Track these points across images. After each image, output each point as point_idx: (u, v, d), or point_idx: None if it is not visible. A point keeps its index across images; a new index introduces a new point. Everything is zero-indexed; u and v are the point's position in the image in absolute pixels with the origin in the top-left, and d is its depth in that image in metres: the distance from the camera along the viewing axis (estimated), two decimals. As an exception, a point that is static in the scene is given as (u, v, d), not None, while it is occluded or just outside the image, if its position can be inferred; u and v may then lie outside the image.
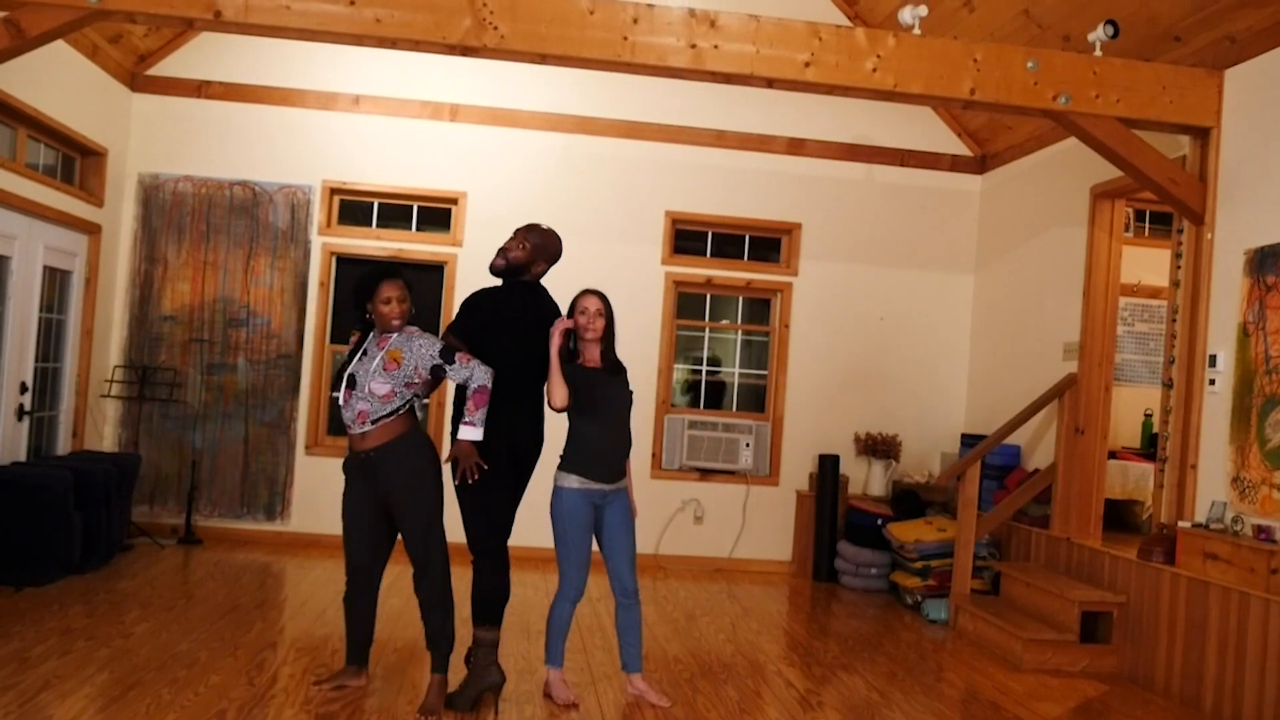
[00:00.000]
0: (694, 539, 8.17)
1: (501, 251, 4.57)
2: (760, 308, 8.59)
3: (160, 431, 7.72)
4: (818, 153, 8.33)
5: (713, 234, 8.41)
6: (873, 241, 8.40)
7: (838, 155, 8.35)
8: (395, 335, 4.27)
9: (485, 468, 4.25)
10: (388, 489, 4.27)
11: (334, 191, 8.01)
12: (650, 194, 8.19)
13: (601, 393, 4.45)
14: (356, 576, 4.42)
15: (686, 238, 8.38)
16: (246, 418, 7.78)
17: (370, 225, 8.10)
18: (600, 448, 4.45)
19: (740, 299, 8.55)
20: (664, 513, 8.13)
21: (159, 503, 7.72)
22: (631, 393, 4.64)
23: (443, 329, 7.31)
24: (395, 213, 8.17)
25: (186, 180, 7.83)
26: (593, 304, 4.46)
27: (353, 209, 8.13)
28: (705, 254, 8.38)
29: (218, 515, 7.78)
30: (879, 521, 7.60)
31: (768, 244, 8.53)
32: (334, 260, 8.02)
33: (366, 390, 4.19)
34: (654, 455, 8.14)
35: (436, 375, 4.28)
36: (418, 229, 8.14)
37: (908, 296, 8.43)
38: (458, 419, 4.30)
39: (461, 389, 4.33)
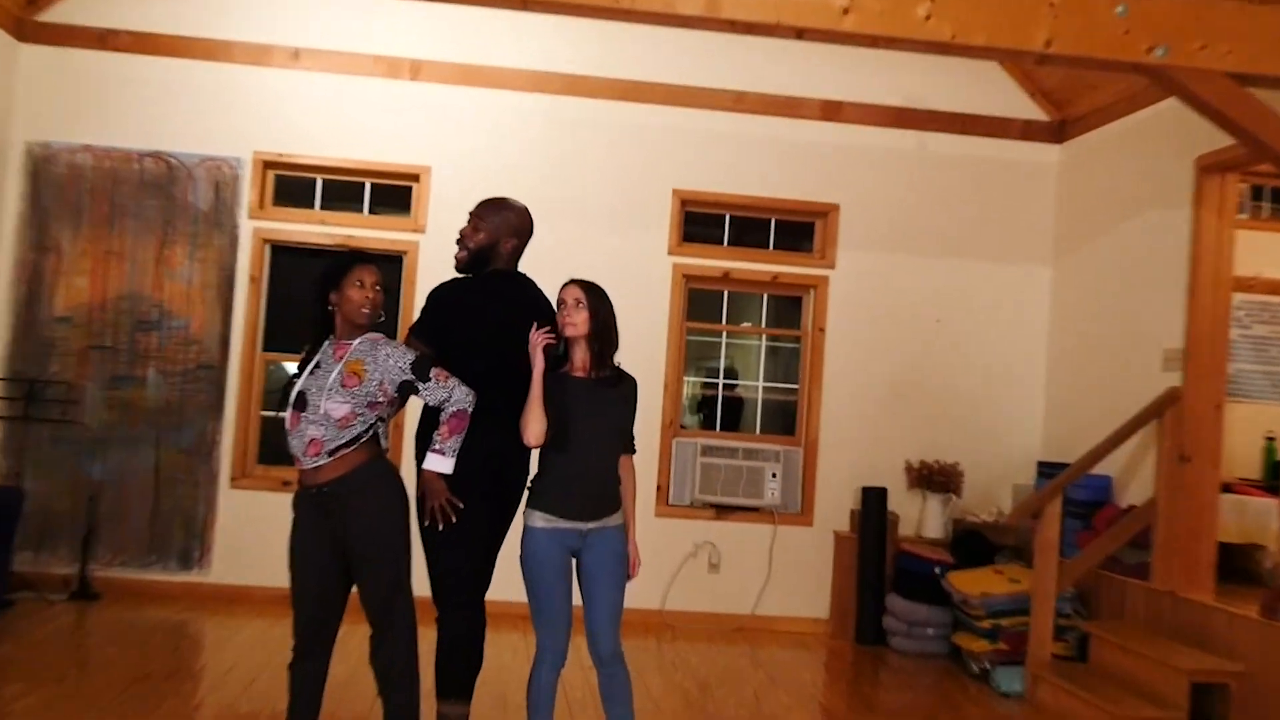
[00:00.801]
0: (709, 591, 8.14)
1: (459, 241, 4.69)
2: (789, 308, 8.62)
3: (50, 460, 7.66)
4: (859, 118, 8.34)
5: (731, 218, 8.45)
6: (926, 226, 8.41)
7: (883, 121, 8.36)
8: (356, 343, 4.23)
9: (460, 506, 4.25)
10: (346, 531, 4.20)
11: (268, 165, 7.99)
12: (655, 170, 8.21)
13: (580, 408, 4.38)
14: (306, 637, 4.32)
15: (699, 223, 8.41)
16: (158, 443, 7.72)
17: (312, 207, 8.09)
18: (572, 476, 4.38)
19: (765, 297, 8.59)
20: (671, 559, 8.08)
21: (47, 548, 7.61)
22: (630, 407, 4.57)
23: (402, 333, 7.27)
24: (343, 192, 8.17)
25: (86, 151, 7.78)
26: (571, 294, 4.42)
27: (291, 187, 8.12)
28: (722, 242, 8.43)
29: (120, 564, 7.68)
30: (937, 570, 7.59)
31: (798, 230, 8.55)
32: (267, 249, 7.98)
33: (320, 412, 4.14)
34: (659, 489, 8.11)
35: (405, 394, 4.26)
36: (371, 211, 8.17)
37: (970, 293, 8.44)
38: (424, 445, 4.31)
39: (432, 410, 4.33)
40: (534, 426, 4.28)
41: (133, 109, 7.81)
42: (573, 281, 4.47)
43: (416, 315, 4.56)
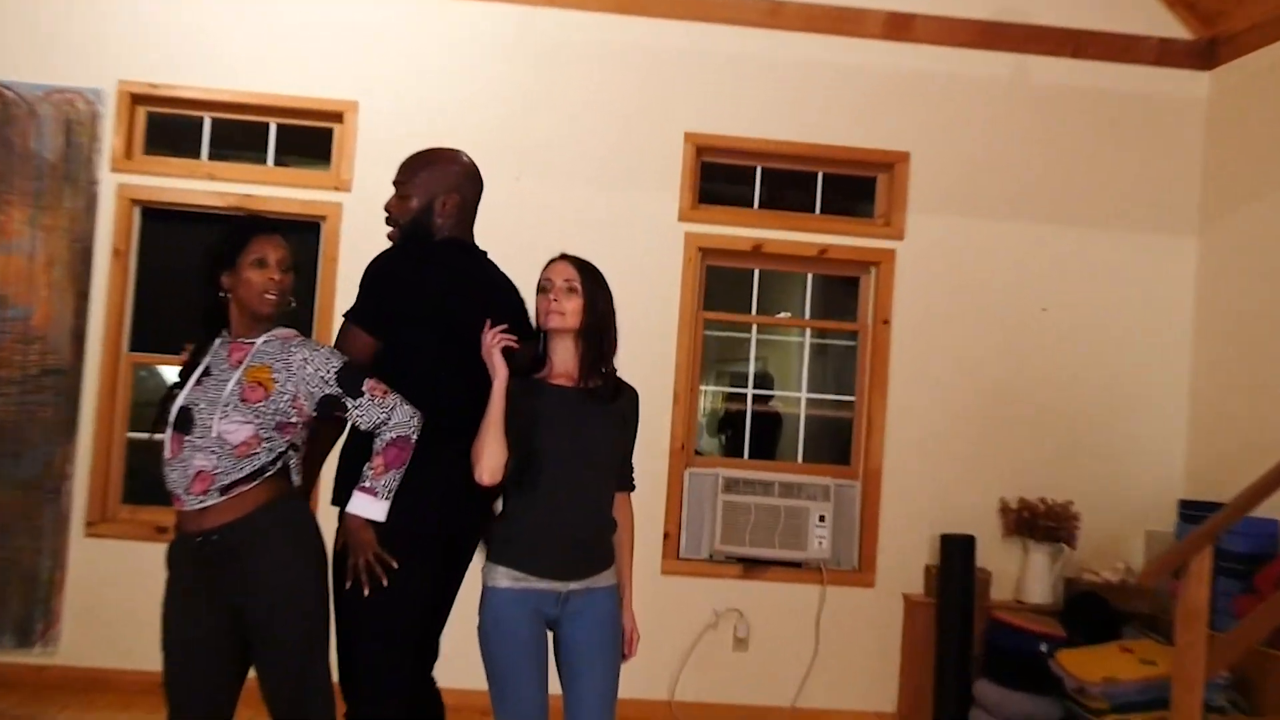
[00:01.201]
0: (734, 676, 8.05)
1: (388, 219, 4.84)
2: (842, 292, 8.60)
3: None
4: (935, 37, 8.29)
5: (763, 172, 8.41)
6: (1026, 183, 8.37)
7: (968, 40, 8.32)
8: (260, 343, 4.25)
9: (394, 566, 4.25)
10: (243, 595, 4.14)
11: (137, 100, 7.95)
12: (660, 107, 8.19)
13: (561, 427, 4.31)
14: None
15: (720, 177, 8.38)
16: None
17: (198, 157, 8.09)
18: (547, 519, 4.29)
19: (809, 278, 8.57)
20: (684, 633, 8.02)
21: None
22: (630, 429, 4.55)
23: (322, 326, 7.85)
24: (240, 136, 8.14)
25: None
26: (561, 273, 4.37)
27: (169, 130, 8.08)
28: (751, 205, 8.41)
29: None
30: (1043, 647, 7.48)
31: (854, 188, 8.50)
32: (137, 213, 7.95)
33: (212, 435, 4.11)
34: (667, 537, 8.02)
35: (327, 411, 4.24)
36: (278, 162, 8.17)
37: (1087, 274, 8.37)
38: (348, 482, 4.30)
39: (363, 435, 4.32)
40: (488, 459, 4.18)
41: None
42: (563, 258, 4.42)
43: (340, 301, 4.43)
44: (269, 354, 4.19)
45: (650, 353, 7.97)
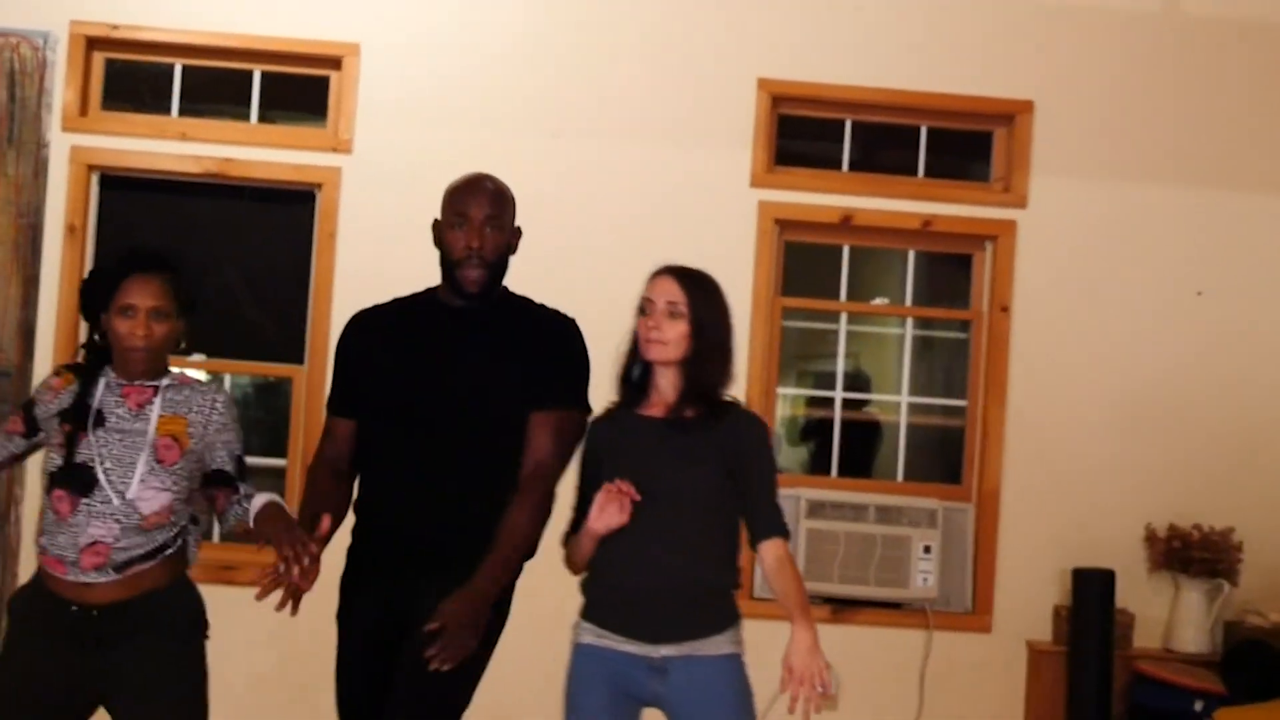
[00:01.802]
0: None
1: (472, 256, 4.74)
2: (950, 272, 8.75)
3: None
4: None
5: (854, 126, 8.40)
6: (1179, 138, 8.27)
7: None
8: (171, 387, 4.45)
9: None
10: (114, 684, 4.34)
11: (94, 45, 7.97)
12: (729, 48, 8.15)
13: (642, 467, 4.40)
14: None
15: (802, 134, 8.44)
16: None
17: (168, 112, 8.11)
18: (630, 572, 4.43)
19: (910, 256, 8.58)
20: (760, 687, 7.72)
21: None
22: (745, 464, 4.55)
23: (315, 319, 8.02)
24: (218, 88, 8.24)
25: None
26: (664, 291, 4.46)
27: (133, 80, 8.15)
28: (839, 166, 8.40)
29: None
30: (1198, 705, 7.47)
31: (966, 145, 8.59)
32: (95, 181, 7.97)
33: (119, 502, 4.24)
34: (739, 572, 7.81)
35: (212, 485, 4.49)
36: (263, 119, 8.25)
37: (1254, 248, 8.30)
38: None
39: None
40: (578, 557, 4.52)
41: None
42: (667, 272, 4.51)
43: (339, 283, 4.48)
44: (183, 403, 4.39)
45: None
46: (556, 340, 4.83)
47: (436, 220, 4.87)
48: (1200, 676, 7.55)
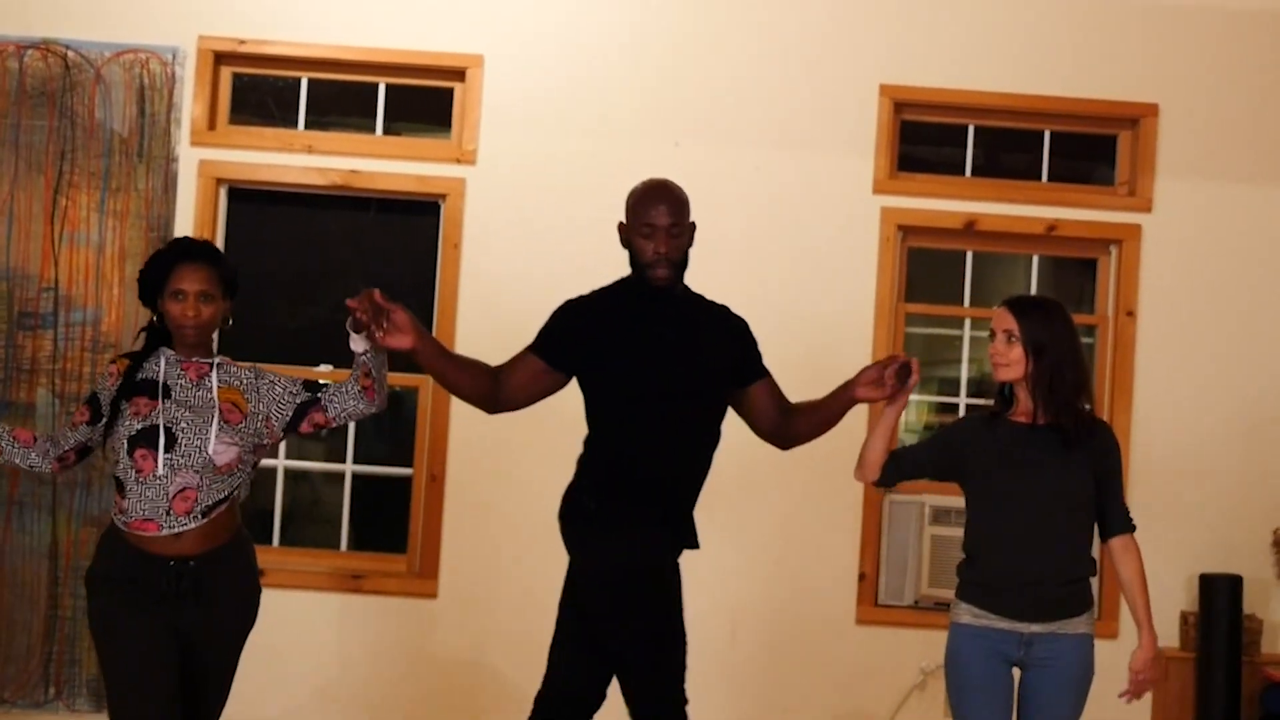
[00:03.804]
0: None
1: (661, 259, 5.25)
2: (1076, 277, 8.77)
3: None
4: None
5: (977, 131, 8.50)
6: None
7: None
8: (218, 365, 4.98)
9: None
10: (200, 628, 4.84)
11: (221, 60, 8.11)
12: (850, 54, 8.25)
13: (1014, 466, 5.00)
14: None
15: (925, 140, 8.53)
16: (55, 508, 7.81)
17: (294, 126, 8.25)
18: (1007, 559, 5.00)
19: (1035, 260, 8.66)
20: (886, 694, 8.13)
21: None
22: (1103, 468, 5.12)
23: (440, 326, 8.06)
24: (343, 100, 8.40)
25: None
26: (1001, 322, 5.05)
27: (259, 95, 8.30)
28: (962, 171, 8.51)
29: (2, 704, 7.83)
30: None
31: (1089, 149, 8.64)
32: (223, 195, 8.11)
33: (202, 455, 4.75)
34: (863, 578, 8.16)
35: (298, 421, 5.05)
36: (388, 131, 8.32)
37: None
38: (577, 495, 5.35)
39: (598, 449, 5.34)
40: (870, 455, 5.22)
41: None
42: (1004, 304, 5.11)
43: (464, 293, 4.67)
44: (237, 378, 4.94)
45: (841, 353, 7.74)
46: (744, 325, 5.52)
47: (621, 223, 5.33)
48: None
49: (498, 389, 5.24)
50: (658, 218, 5.20)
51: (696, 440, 5.31)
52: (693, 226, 5.36)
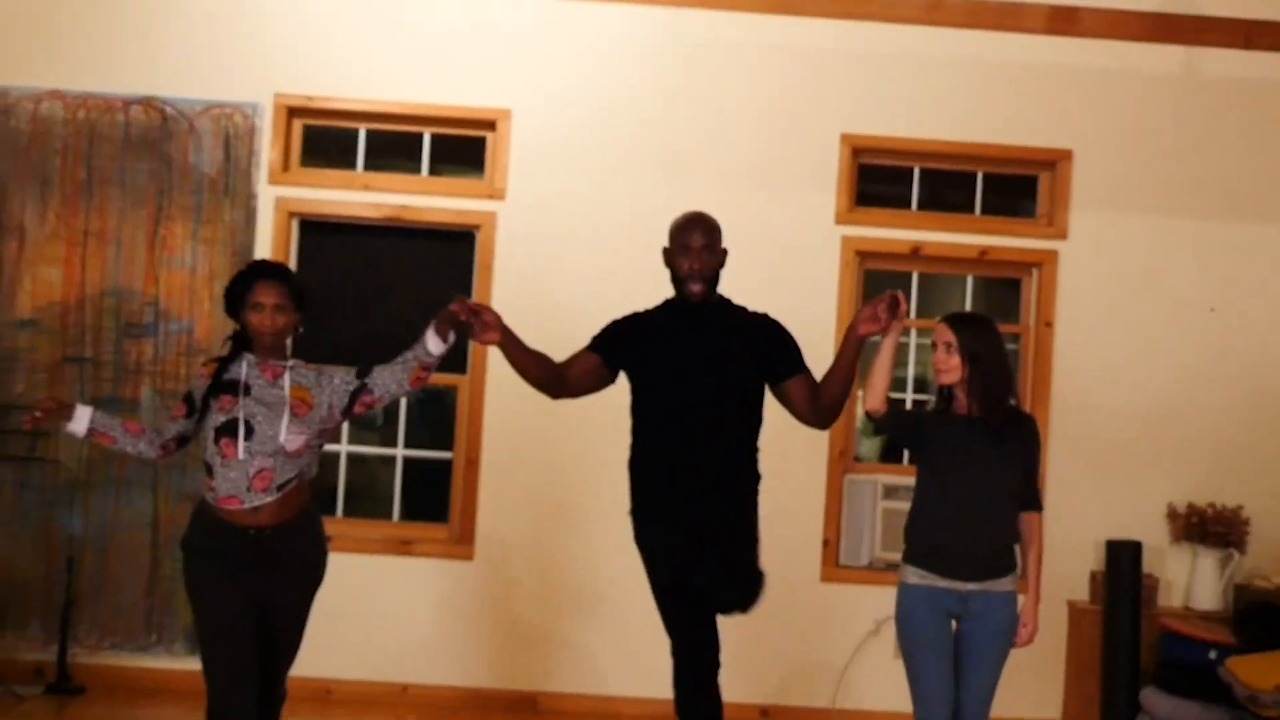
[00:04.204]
0: (896, 684, 7.37)
1: (695, 275, 5.52)
2: (1003, 294, 8.72)
3: (15, 510, 7.92)
4: (1100, 30, 7.99)
5: (921, 173, 8.58)
6: (1196, 178, 8.42)
7: (1134, 34, 8.03)
8: (294, 367, 5.18)
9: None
10: (276, 587, 5.11)
11: (294, 113, 8.24)
12: (815, 108, 8.33)
13: (959, 453, 5.30)
14: (231, 689, 4.99)
15: (878, 179, 8.52)
16: (156, 487, 7.95)
17: (354, 168, 8.33)
18: (949, 530, 5.28)
19: (969, 280, 8.69)
20: (844, 641, 8.25)
21: (14, 627, 7.91)
22: (1028, 455, 5.44)
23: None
24: (395, 146, 8.37)
25: (54, 97, 8.03)
26: (941, 335, 5.32)
27: (325, 142, 8.36)
28: (909, 206, 8.59)
29: (110, 647, 7.95)
30: (1213, 655, 7.58)
31: (1015, 187, 8.65)
32: (295, 226, 8.24)
33: (276, 442, 5.01)
34: (826, 543, 8.28)
35: (353, 404, 5.24)
36: (432, 172, 8.39)
37: (1258, 271, 8.43)
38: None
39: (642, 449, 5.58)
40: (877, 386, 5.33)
41: (114, 42, 8.06)
42: (943, 320, 5.38)
43: (494, 305, 4.99)
44: (305, 379, 5.13)
45: (808, 354, 7.17)
46: (777, 329, 5.67)
47: (665, 248, 5.57)
48: (1214, 631, 7.65)
49: (562, 378, 5.49)
50: (693, 240, 5.45)
51: (723, 441, 5.47)
52: (724, 252, 5.59)
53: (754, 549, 5.57)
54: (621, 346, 5.59)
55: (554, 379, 5.50)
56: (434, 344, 5.20)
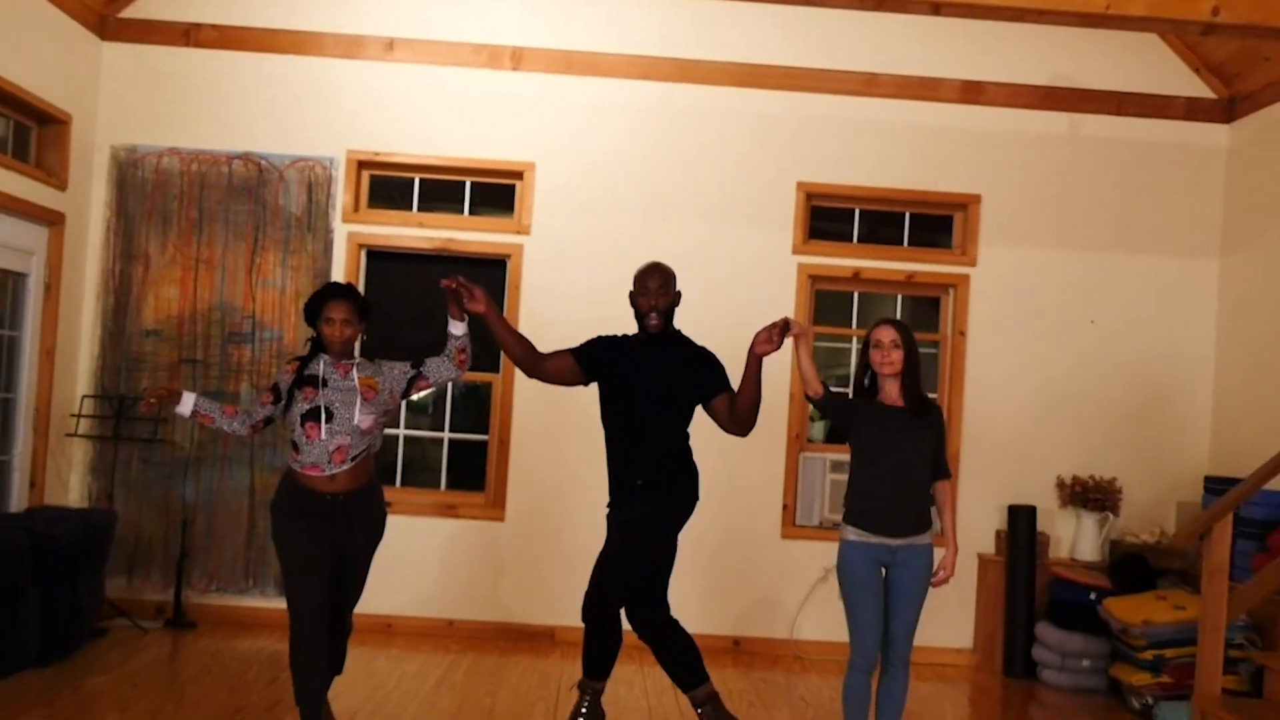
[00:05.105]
0: (840, 619, 7.79)
1: (652, 310, 5.52)
2: (926, 309, 8.65)
3: (141, 481, 7.88)
4: (1002, 100, 8.31)
5: (861, 213, 8.50)
6: (1078, 217, 8.36)
7: (1029, 103, 8.32)
8: (360, 363, 5.18)
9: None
10: (347, 540, 5.09)
11: (362, 165, 8.17)
12: (777, 161, 8.26)
13: (887, 435, 5.14)
14: (314, 627, 5.02)
15: (826, 218, 8.47)
16: (252, 462, 7.90)
17: (410, 209, 8.29)
18: (882, 496, 5.15)
19: (899, 298, 8.62)
20: (800, 584, 8.14)
21: (140, 574, 7.87)
22: (938, 434, 5.29)
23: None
24: (442, 191, 8.36)
25: (172, 154, 7.98)
26: (888, 335, 5.15)
27: (387, 188, 8.32)
28: (851, 239, 8.50)
29: (216, 590, 7.92)
30: (1093, 596, 7.55)
31: (935, 224, 8.59)
32: (363, 255, 8.17)
33: (352, 424, 5.00)
34: (785, 509, 8.16)
35: (410, 390, 5.26)
36: (472, 212, 8.34)
37: (1128, 291, 8.37)
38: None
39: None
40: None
41: (220, 108, 8.03)
42: (889, 322, 5.20)
43: (523, 324, 4.84)
44: (369, 369, 5.14)
45: (770, 361, 7.62)
46: (710, 359, 5.56)
47: (630, 291, 5.55)
48: (1094, 577, 7.66)
49: (536, 363, 5.49)
50: (651, 284, 5.46)
51: (664, 436, 5.47)
52: (678, 293, 5.58)
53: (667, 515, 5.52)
54: (596, 360, 5.58)
55: (530, 362, 5.52)
56: (454, 327, 5.29)
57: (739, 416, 5.39)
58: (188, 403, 5.02)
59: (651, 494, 5.45)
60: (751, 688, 7.02)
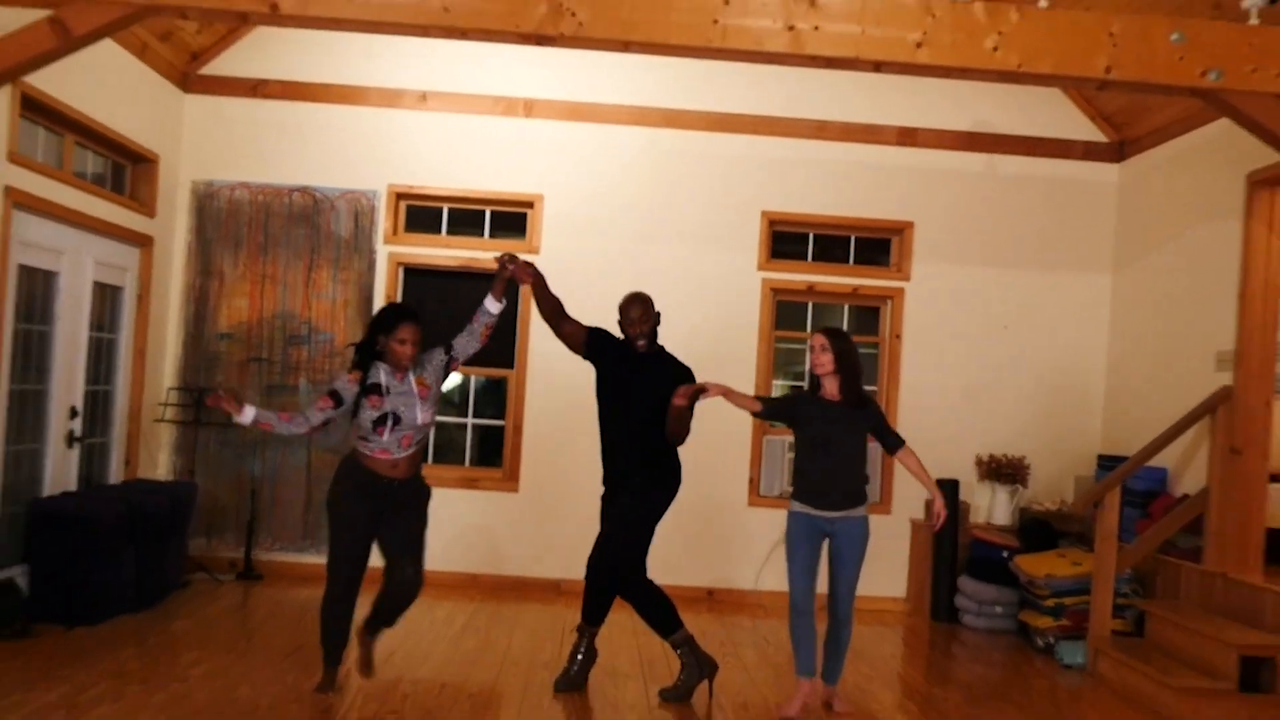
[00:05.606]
0: None
1: (639, 333, 5.52)
2: (868, 317, 8.63)
3: (217, 459, 7.95)
4: (932, 143, 8.33)
5: (814, 236, 8.50)
6: (995, 240, 8.39)
7: (954, 145, 8.35)
8: (411, 370, 5.11)
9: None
10: (395, 520, 5.11)
11: (400, 197, 8.20)
12: (745, 193, 8.28)
13: (827, 425, 5.23)
14: (349, 588, 5.15)
15: (785, 241, 8.47)
16: (308, 444, 7.90)
17: (439, 233, 8.29)
18: (822, 476, 5.25)
19: (846, 308, 8.62)
20: (763, 544, 8.16)
21: (216, 535, 7.93)
22: (876, 421, 5.37)
23: (519, 350, 8.14)
24: (466, 219, 8.34)
25: (243, 187, 8.05)
26: (819, 341, 5.29)
27: (421, 215, 8.33)
28: (806, 258, 8.48)
29: (279, 549, 7.98)
30: (1005, 554, 7.58)
31: (876, 246, 8.58)
32: (401, 271, 8.20)
33: (418, 423, 5.06)
34: (751, 482, 8.20)
35: (448, 372, 5.27)
36: (490, 235, 8.34)
37: (1036, 301, 8.40)
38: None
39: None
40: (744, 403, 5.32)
41: (282, 149, 8.07)
42: (822, 330, 5.33)
43: (533, 330, 4.96)
44: (419, 372, 5.11)
45: (739, 360, 8.03)
46: (687, 376, 5.48)
47: (618, 320, 5.53)
48: (1006, 538, 7.68)
49: (560, 322, 5.50)
50: (634, 313, 5.47)
51: (649, 440, 5.43)
52: (658, 315, 5.55)
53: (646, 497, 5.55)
54: (598, 348, 5.58)
55: (556, 320, 5.52)
56: (492, 305, 5.30)
57: (668, 435, 5.40)
58: (249, 414, 4.90)
59: (640, 487, 5.48)
60: (723, 630, 7.04)
